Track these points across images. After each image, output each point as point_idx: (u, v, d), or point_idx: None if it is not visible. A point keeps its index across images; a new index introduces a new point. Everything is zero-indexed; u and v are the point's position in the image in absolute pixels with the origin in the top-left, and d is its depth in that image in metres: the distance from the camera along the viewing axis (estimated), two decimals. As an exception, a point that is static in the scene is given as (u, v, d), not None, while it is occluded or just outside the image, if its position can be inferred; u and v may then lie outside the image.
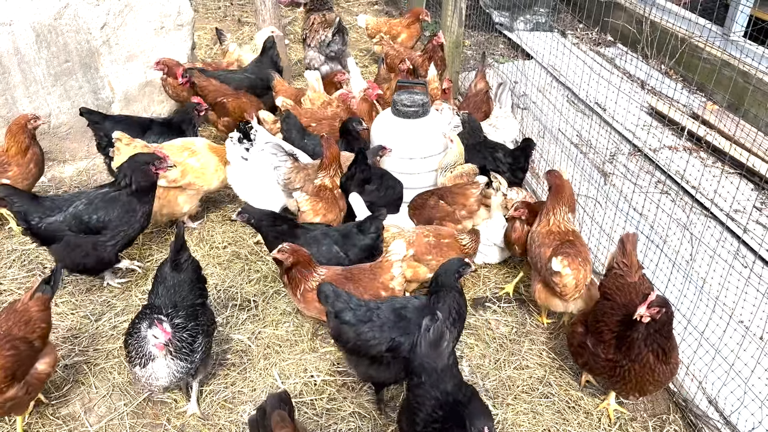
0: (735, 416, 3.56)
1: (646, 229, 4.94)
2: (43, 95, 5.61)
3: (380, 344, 3.33)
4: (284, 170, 4.76)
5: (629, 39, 7.92)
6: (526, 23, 8.79)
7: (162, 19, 6.10)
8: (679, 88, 7.13)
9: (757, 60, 6.24)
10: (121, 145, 4.73)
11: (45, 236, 4.15)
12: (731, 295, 4.16)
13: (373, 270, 3.89)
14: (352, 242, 4.18)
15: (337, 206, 4.65)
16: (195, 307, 3.57)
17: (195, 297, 3.63)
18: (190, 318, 3.48)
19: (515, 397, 3.79)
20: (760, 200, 5.43)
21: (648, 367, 3.25)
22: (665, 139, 6.23)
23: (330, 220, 4.57)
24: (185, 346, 3.35)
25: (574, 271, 3.72)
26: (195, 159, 4.92)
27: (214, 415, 3.63)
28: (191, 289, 3.62)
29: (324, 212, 4.56)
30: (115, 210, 4.21)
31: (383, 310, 3.43)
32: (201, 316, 3.57)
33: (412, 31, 7.74)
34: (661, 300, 3.14)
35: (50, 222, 4.11)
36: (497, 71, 7.44)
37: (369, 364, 3.43)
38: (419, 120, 5.14)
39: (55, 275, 3.59)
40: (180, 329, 3.37)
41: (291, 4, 9.62)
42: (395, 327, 3.37)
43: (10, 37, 5.28)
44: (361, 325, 3.35)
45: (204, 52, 8.06)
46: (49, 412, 3.63)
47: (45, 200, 4.23)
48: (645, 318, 3.12)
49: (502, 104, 5.69)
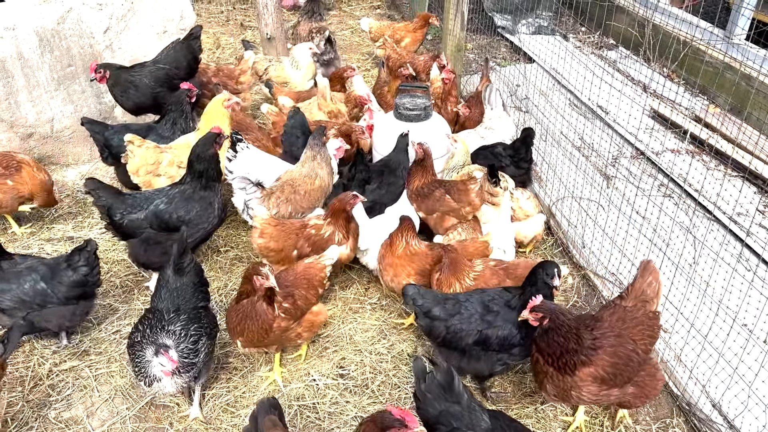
0: (739, 420, 3.55)
1: (649, 232, 4.93)
2: (46, 99, 5.63)
3: (468, 336, 3.48)
4: (255, 202, 4.51)
5: (631, 42, 7.93)
6: (528, 26, 8.79)
7: (164, 23, 6.11)
8: (682, 91, 7.12)
9: (759, 63, 6.23)
10: (133, 148, 4.73)
11: (125, 232, 4.23)
12: (735, 298, 4.15)
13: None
14: (59, 279, 3.84)
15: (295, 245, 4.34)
16: (198, 310, 3.59)
17: (197, 300, 3.64)
18: (193, 321, 3.49)
19: (517, 401, 3.78)
20: (763, 203, 5.42)
21: (541, 370, 3.26)
22: (668, 142, 6.22)
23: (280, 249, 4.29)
24: (190, 354, 3.37)
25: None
26: None
27: (217, 419, 3.63)
28: (194, 292, 3.64)
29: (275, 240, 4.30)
30: (194, 208, 4.26)
31: (472, 302, 3.55)
32: (203, 318, 3.59)
33: (417, 35, 7.76)
34: (546, 308, 3.14)
35: (132, 219, 4.18)
36: (499, 74, 7.44)
37: (459, 357, 3.56)
38: (421, 123, 5.14)
39: (10, 336, 3.44)
40: (183, 338, 3.38)
41: (293, 8, 9.65)
42: (482, 320, 3.49)
43: (14, 42, 5.30)
44: (450, 318, 3.51)
45: (207, 56, 8.07)
46: (51, 416, 3.63)
47: (127, 197, 4.29)
48: (532, 321, 3.19)
49: (492, 105, 5.70)
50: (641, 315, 3.32)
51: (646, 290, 3.38)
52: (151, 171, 4.78)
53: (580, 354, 3.12)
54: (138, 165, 4.75)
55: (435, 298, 3.62)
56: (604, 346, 3.15)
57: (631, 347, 3.19)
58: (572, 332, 3.11)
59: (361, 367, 4.00)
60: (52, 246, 4.93)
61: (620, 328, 3.25)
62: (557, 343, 3.12)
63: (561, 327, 3.11)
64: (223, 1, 9.74)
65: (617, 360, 3.14)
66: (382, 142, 5.14)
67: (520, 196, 4.75)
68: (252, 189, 4.53)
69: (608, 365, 3.13)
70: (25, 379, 3.85)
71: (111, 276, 4.68)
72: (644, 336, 3.27)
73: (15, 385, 3.82)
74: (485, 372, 3.61)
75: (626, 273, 4.62)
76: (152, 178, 4.79)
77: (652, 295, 3.38)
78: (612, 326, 3.25)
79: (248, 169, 4.73)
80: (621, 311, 3.34)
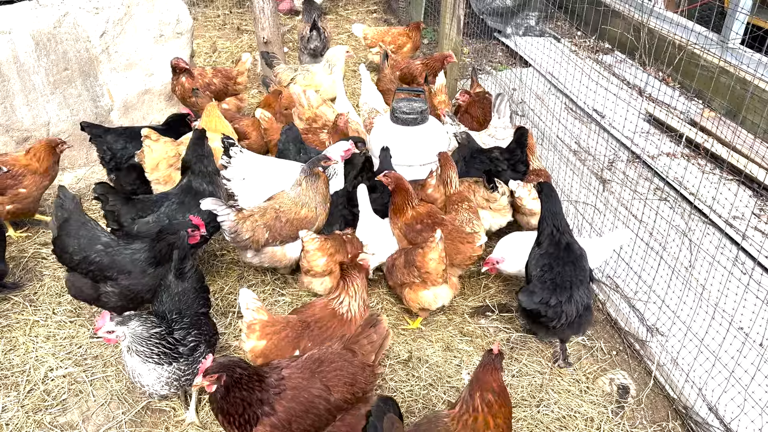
0: (735, 423, 3.55)
1: (645, 235, 4.94)
2: (42, 103, 5.62)
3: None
4: (228, 224, 4.17)
5: (627, 47, 7.96)
6: (517, 27, 8.85)
7: (161, 27, 6.12)
8: (677, 95, 7.15)
9: (754, 67, 6.26)
10: (150, 142, 4.72)
11: (135, 237, 4.15)
12: (730, 301, 4.15)
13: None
14: None
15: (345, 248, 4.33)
16: (199, 316, 3.58)
17: (199, 306, 3.62)
18: (194, 326, 3.48)
19: (515, 404, 3.77)
20: (759, 207, 5.44)
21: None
22: (663, 146, 6.24)
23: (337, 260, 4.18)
24: (170, 350, 3.30)
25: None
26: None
27: (213, 422, 3.61)
28: (195, 298, 3.62)
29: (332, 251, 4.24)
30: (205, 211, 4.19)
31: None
32: (204, 325, 3.57)
33: (416, 42, 7.80)
34: (217, 366, 2.83)
35: (142, 223, 4.18)
36: (496, 79, 7.46)
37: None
38: (418, 127, 5.15)
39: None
40: (159, 338, 3.30)
41: (289, 12, 9.67)
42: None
43: (10, 46, 5.30)
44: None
45: (203, 60, 8.08)
46: (47, 421, 3.62)
47: (137, 202, 4.28)
48: (208, 388, 2.85)
49: (500, 114, 5.64)
50: (347, 361, 3.12)
51: (363, 342, 3.22)
52: (172, 164, 4.76)
53: (264, 405, 2.87)
54: (158, 159, 4.73)
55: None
56: (287, 390, 2.93)
57: (317, 393, 2.97)
58: (254, 381, 2.87)
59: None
60: (47, 249, 4.91)
61: (313, 371, 3.03)
62: (237, 402, 2.84)
63: (234, 383, 2.83)
64: (220, 5, 9.75)
65: (296, 406, 2.92)
66: (380, 145, 5.14)
67: (525, 195, 4.72)
68: (224, 211, 4.16)
69: (285, 412, 2.89)
70: (20, 384, 3.83)
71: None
72: (343, 384, 3.07)
73: (10, 390, 3.80)
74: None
75: (623, 276, 4.63)
76: (173, 171, 4.75)
77: (371, 349, 3.22)
78: (303, 369, 3.02)
79: (244, 173, 4.61)
80: (326, 351, 3.15)
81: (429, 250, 3.96)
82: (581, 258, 3.95)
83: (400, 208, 4.48)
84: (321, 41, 7.25)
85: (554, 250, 3.93)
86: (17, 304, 4.41)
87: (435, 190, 4.73)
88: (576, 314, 3.77)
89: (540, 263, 3.92)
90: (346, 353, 3.18)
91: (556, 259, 3.90)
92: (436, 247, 3.93)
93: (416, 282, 4.09)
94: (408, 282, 4.13)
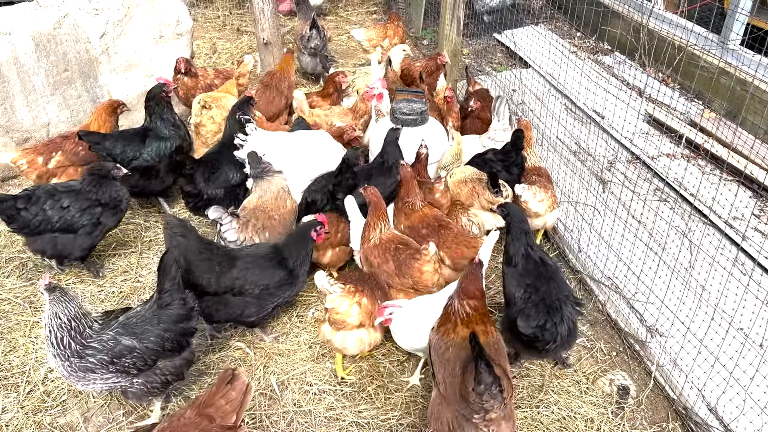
0: (735, 424, 3.55)
1: (645, 236, 4.94)
2: (42, 104, 5.63)
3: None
4: (231, 233, 4.32)
5: (626, 47, 7.96)
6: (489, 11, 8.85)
7: (161, 28, 6.12)
8: (677, 96, 7.15)
9: (753, 68, 6.26)
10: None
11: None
12: (730, 302, 4.16)
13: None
14: None
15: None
16: (151, 353, 3.42)
17: (163, 342, 3.45)
18: (125, 356, 3.34)
19: (515, 405, 3.77)
20: (759, 207, 5.44)
21: None
22: (663, 147, 6.24)
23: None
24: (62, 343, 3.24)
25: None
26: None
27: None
28: (164, 331, 3.48)
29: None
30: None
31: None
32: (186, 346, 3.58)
33: (399, 34, 7.84)
34: None
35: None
36: (495, 80, 7.46)
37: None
38: (418, 128, 5.15)
39: None
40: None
41: (289, 13, 9.66)
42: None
43: (10, 47, 5.30)
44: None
45: (203, 61, 8.08)
46: (47, 422, 3.62)
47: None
48: None
49: (499, 117, 5.63)
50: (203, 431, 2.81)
51: (220, 403, 2.91)
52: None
53: None
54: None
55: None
56: None
57: None
58: None
59: (358, 372, 3.99)
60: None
61: None
62: None
63: None
64: (220, 6, 9.75)
65: None
66: (378, 146, 5.13)
67: (531, 198, 4.70)
68: (227, 219, 4.32)
69: None
70: (19, 385, 3.83)
71: (106, 283, 4.67)
72: None
73: (10, 391, 3.80)
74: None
75: (622, 277, 4.63)
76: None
77: (231, 409, 2.93)
78: None
79: (262, 150, 4.77)
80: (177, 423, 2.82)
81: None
82: (557, 271, 3.87)
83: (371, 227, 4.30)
84: (321, 40, 7.23)
85: (533, 267, 3.81)
86: (17, 306, 4.41)
87: (442, 196, 4.72)
88: (567, 333, 3.65)
89: (522, 283, 3.75)
90: (201, 421, 2.81)
91: (537, 278, 3.76)
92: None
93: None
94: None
